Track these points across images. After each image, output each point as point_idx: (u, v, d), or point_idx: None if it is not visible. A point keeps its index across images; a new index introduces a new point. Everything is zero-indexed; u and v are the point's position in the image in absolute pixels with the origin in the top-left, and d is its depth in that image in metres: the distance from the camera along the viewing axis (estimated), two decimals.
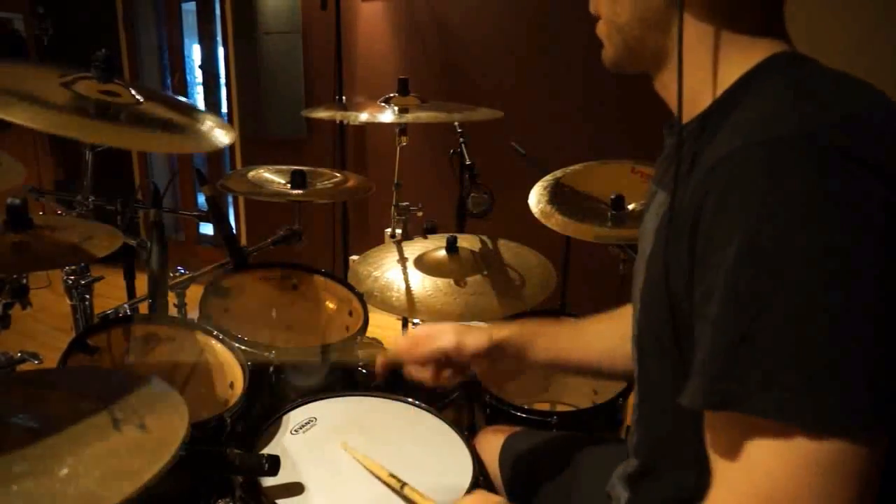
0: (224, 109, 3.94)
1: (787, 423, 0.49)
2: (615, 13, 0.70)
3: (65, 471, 0.75)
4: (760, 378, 0.49)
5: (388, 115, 1.70)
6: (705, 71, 0.66)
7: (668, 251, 0.63)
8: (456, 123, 1.85)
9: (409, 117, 1.69)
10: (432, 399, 1.30)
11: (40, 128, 1.04)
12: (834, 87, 0.59)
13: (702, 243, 0.56)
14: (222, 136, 1.31)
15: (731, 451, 0.53)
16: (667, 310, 0.64)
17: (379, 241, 1.92)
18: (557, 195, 1.71)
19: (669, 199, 0.63)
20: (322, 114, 1.86)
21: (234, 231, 2.15)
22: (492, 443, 1.17)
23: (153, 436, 0.83)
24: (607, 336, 1.00)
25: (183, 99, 1.69)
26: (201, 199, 3.15)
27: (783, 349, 0.49)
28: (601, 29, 0.74)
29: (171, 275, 1.63)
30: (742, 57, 0.64)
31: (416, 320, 1.87)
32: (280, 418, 1.20)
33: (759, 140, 0.53)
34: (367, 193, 1.95)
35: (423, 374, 1.04)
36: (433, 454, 1.10)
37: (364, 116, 1.78)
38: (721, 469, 0.55)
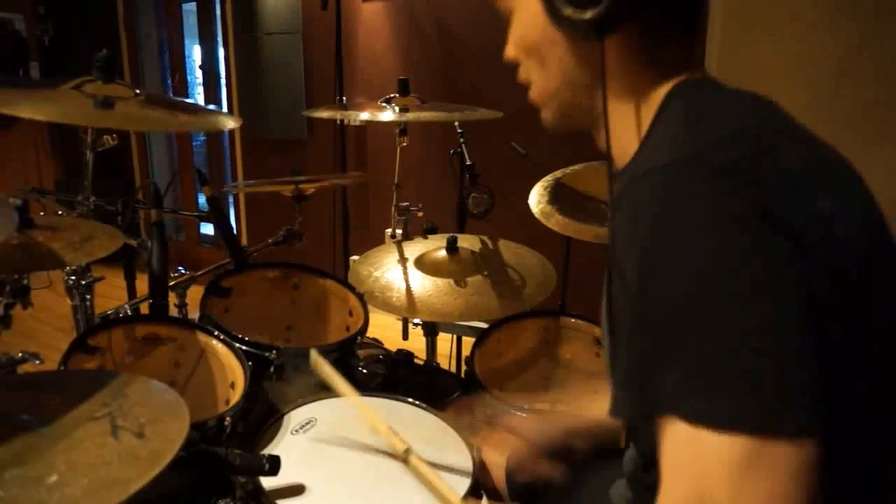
0: (224, 109, 3.95)
1: (701, 425, 0.50)
2: (546, 80, 0.74)
3: (54, 478, 0.75)
4: (672, 387, 0.52)
5: (388, 115, 1.70)
6: (631, 118, 0.69)
7: (609, 276, 0.66)
8: (456, 123, 1.85)
9: (409, 117, 1.69)
10: (432, 399, 1.31)
11: (51, 119, 1.15)
12: (722, 108, 0.63)
13: (617, 268, 0.59)
14: (226, 120, 1.34)
15: (668, 456, 0.54)
16: (611, 333, 0.67)
17: (379, 241, 1.92)
18: (557, 195, 1.71)
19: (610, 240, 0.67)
20: (322, 114, 1.86)
21: (235, 231, 2.16)
22: (494, 458, 1.16)
23: (149, 445, 0.82)
24: None
25: (186, 100, 1.70)
26: (202, 199, 3.15)
27: (692, 356, 0.51)
28: (533, 96, 0.77)
29: (172, 275, 1.63)
30: (659, 96, 0.67)
31: (416, 320, 1.87)
32: (280, 418, 1.21)
33: (651, 169, 0.57)
34: (361, 179, 1.93)
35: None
36: (433, 454, 1.11)
37: (364, 116, 1.78)
38: (662, 474, 0.56)
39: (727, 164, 0.54)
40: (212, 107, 1.26)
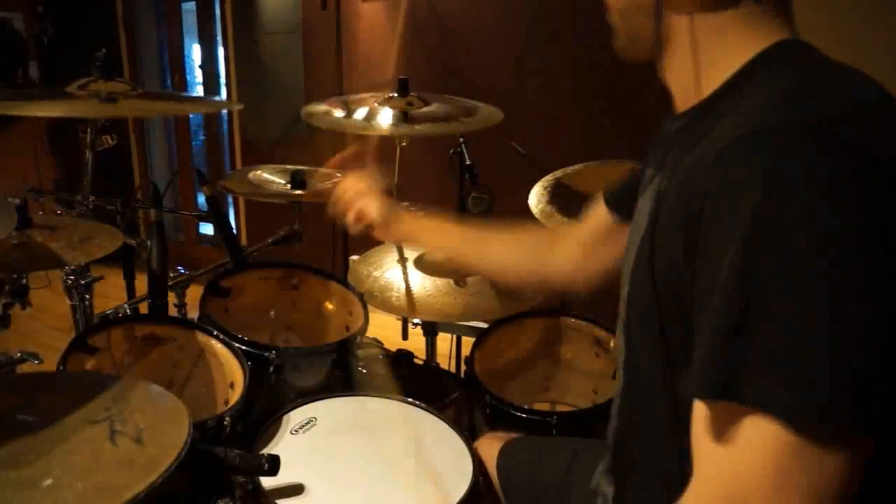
0: (224, 109, 3.94)
1: (775, 415, 0.49)
2: (616, 1, 0.72)
3: (49, 481, 0.75)
4: (755, 370, 0.50)
5: (386, 120, 1.70)
6: (707, 56, 0.65)
7: (657, 236, 0.63)
8: None
9: (402, 130, 1.69)
10: (432, 399, 1.30)
11: (57, 114, 1.28)
12: (841, 80, 0.59)
13: (703, 235, 0.55)
14: (228, 103, 1.39)
15: (720, 441, 0.53)
16: (651, 296, 0.64)
17: (379, 241, 1.92)
18: (557, 195, 1.71)
19: (665, 183, 0.63)
20: (318, 107, 1.86)
21: (234, 231, 2.15)
22: (489, 450, 1.17)
23: (146, 451, 0.81)
24: (507, 253, 1.10)
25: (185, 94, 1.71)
26: (201, 198, 3.15)
27: (778, 344, 0.49)
28: (612, 18, 0.75)
29: (171, 275, 1.63)
30: (746, 44, 0.63)
31: (416, 320, 1.87)
32: (280, 418, 1.20)
33: (764, 129, 0.53)
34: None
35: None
36: (433, 454, 1.10)
37: (361, 116, 1.77)
38: (706, 458, 0.55)
39: (855, 141, 0.50)
40: (215, 98, 1.28)
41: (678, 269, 0.60)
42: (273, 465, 1.00)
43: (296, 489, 1.01)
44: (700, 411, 0.56)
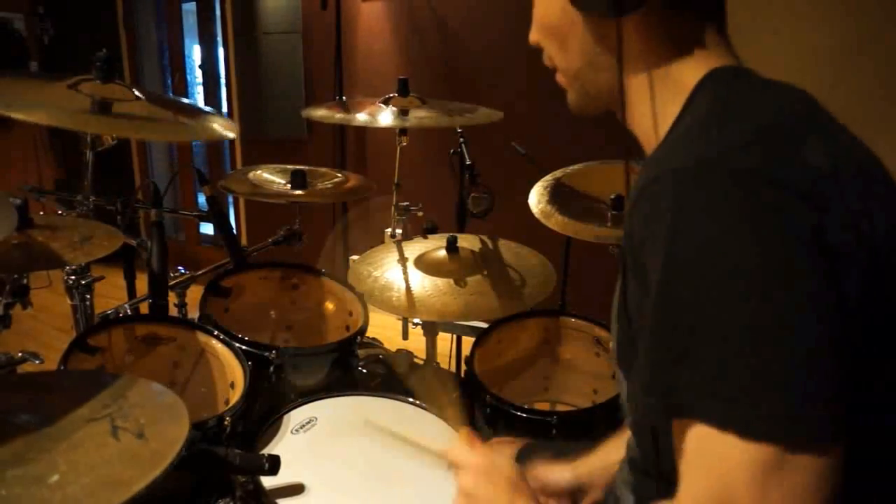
0: (224, 109, 3.95)
1: (727, 429, 0.50)
2: (568, 63, 0.73)
3: (55, 477, 0.75)
4: (694, 390, 0.51)
5: (387, 118, 1.71)
6: (660, 99, 0.67)
7: (623, 274, 0.64)
8: None
9: (408, 122, 1.70)
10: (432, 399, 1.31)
11: (44, 122, 1.10)
12: (755, 105, 0.61)
13: (639, 267, 0.58)
14: (224, 129, 1.33)
15: (691, 457, 0.54)
16: (624, 330, 0.66)
17: (379, 241, 1.92)
18: (557, 195, 1.71)
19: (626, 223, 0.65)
20: (320, 111, 1.86)
21: (235, 231, 2.16)
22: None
23: (150, 446, 0.82)
24: None
25: (185, 100, 1.70)
26: (202, 199, 3.15)
27: (713, 361, 0.51)
28: (560, 79, 0.76)
29: (172, 275, 1.63)
30: (692, 82, 0.65)
31: (416, 320, 1.87)
32: (280, 418, 1.21)
33: (669, 169, 0.56)
34: (367, 193, 1.95)
35: None
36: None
37: (362, 117, 1.78)
38: (683, 473, 0.56)
39: (748, 168, 0.53)
40: (211, 119, 1.25)
41: (634, 303, 0.62)
42: (273, 464, 1.00)
43: (296, 489, 1.02)
44: (677, 428, 0.57)
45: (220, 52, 3.91)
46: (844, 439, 0.50)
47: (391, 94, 1.82)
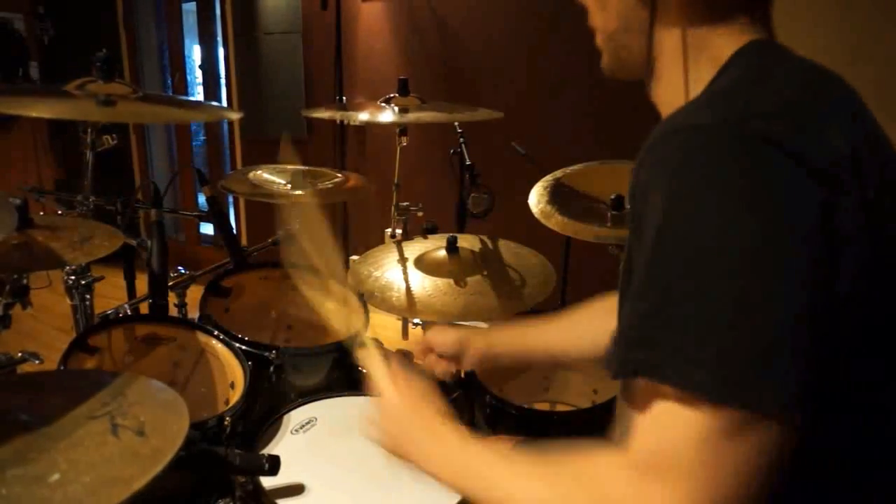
0: None
1: (692, 392, 0.50)
2: (605, 23, 0.73)
3: (56, 476, 0.75)
4: (670, 349, 0.51)
5: (388, 116, 1.70)
6: (693, 73, 0.67)
7: (629, 238, 0.65)
8: (456, 123, 1.84)
9: (409, 118, 1.69)
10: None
11: (55, 116, 1.23)
12: (785, 74, 0.60)
13: (636, 226, 0.58)
14: (227, 111, 1.35)
15: (646, 417, 0.55)
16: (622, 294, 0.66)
17: (379, 241, 1.92)
18: (557, 195, 1.71)
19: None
20: (322, 114, 1.86)
21: (235, 231, 2.16)
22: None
23: (150, 443, 0.82)
24: (598, 330, 1.02)
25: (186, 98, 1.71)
26: (202, 199, 3.15)
27: (690, 323, 0.51)
28: (598, 40, 0.76)
29: (172, 275, 1.63)
30: (720, 55, 0.64)
31: (416, 320, 1.87)
32: (280, 418, 1.21)
33: (681, 127, 0.55)
34: (367, 194, 1.95)
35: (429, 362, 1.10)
36: None
37: (364, 116, 1.78)
38: (637, 426, 0.56)
39: (766, 137, 0.52)
40: (213, 103, 1.27)
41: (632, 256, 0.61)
42: (273, 464, 1.00)
43: (296, 489, 1.02)
44: (635, 387, 0.57)
45: (220, 52, 3.91)
46: (802, 425, 0.50)
47: (391, 94, 1.82)
